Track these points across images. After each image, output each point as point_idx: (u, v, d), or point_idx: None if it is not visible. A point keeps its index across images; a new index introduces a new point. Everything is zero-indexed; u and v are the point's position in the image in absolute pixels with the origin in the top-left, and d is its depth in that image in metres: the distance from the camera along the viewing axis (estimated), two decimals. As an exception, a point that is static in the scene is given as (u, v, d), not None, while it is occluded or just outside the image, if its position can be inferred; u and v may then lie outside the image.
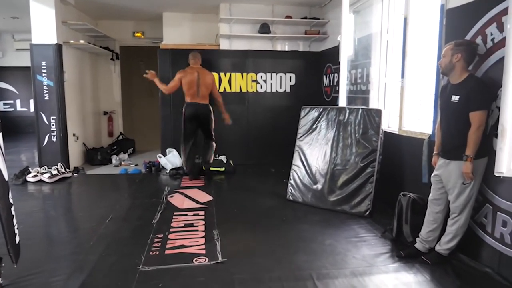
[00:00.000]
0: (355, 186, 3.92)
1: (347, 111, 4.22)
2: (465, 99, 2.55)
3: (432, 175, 2.88)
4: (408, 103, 3.73)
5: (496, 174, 2.15)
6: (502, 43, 2.45)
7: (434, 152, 2.93)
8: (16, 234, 2.35)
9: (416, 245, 2.94)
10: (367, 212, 3.79)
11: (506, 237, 2.53)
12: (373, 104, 4.49)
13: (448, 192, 2.74)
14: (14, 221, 2.34)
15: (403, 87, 3.74)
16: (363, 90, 4.75)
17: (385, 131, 4.01)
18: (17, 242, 2.37)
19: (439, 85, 3.10)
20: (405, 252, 2.92)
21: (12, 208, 2.32)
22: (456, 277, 2.61)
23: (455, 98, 2.61)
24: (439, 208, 2.84)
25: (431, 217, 2.88)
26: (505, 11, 2.39)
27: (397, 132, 3.87)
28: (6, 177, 2.28)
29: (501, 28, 2.52)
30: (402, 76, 3.74)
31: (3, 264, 2.42)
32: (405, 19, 3.66)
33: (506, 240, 2.53)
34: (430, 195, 2.90)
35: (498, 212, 2.60)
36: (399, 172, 3.85)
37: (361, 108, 4.16)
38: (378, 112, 3.98)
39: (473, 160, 2.52)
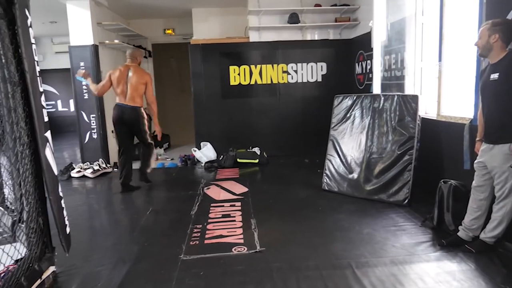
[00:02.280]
0: (392, 175, 3.85)
1: (382, 98, 4.14)
2: (504, 75, 2.45)
3: (476, 161, 2.77)
4: (446, 87, 3.61)
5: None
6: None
7: (477, 139, 2.83)
8: (66, 225, 2.48)
9: (459, 234, 2.86)
10: (406, 201, 3.72)
11: (556, 223, 2.42)
12: (408, 90, 4.37)
13: (494, 177, 2.62)
14: (64, 213, 2.47)
15: (441, 71, 3.62)
16: (398, 76, 4.63)
17: (422, 117, 3.90)
18: (68, 232, 2.51)
19: (480, 67, 2.98)
20: (447, 241, 2.84)
21: (62, 201, 2.45)
22: (502, 265, 2.53)
23: (494, 75, 2.50)
24: (483, 195, 2.74)
25: (475, 205, 2.79)
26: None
27: (435, 118, 3.76)
28: (56, 173, 2.40)
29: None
30: (440, 60, 3.62)
31: (56, 253, 2.57)
32: (441, 0, 3.52)
33: (556, 226, 2.42)
34: (474, 181, 2.80)
35: (547, 197, 2.48)
36: (439, 159, 3.74)
37: (397, 95, 4.07)
38: (415, 98, 3.88)
39: None
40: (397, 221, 3.37)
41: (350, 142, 4.29)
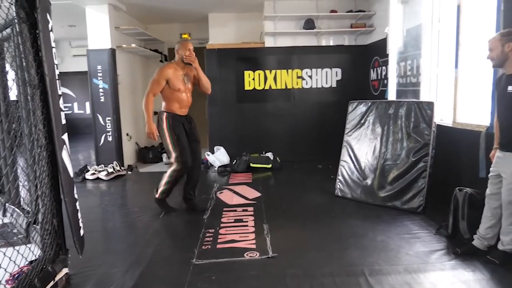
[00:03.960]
0: (407, 182, 3.81)
1: (397, 104, 4.10)
2: None
3: (491, 169, 2.73)
4: (462, 95, 3.57)
5: None
6: None
7: (494, 146, 2.79)
8: (80, 227, 2.52)
9: (474, 243, 2.81)
10: (420, 208, 3.67)
11: None
12: (424, 97, 4.33)
13: (506, 185, 2.58)
14: (79, 215, 2.50)
15: (457, 78, 3.57)
16: (413, 83, 4.59)
17: (438, 124, 3.85)
18: (81, 234, 2.54)
19: (496, 74, 2.93)
20: (462, 249, 2.80)
21: (77, 203, 2.48)
22: (519, 276, 2.48)
23: (511, 88, 2.47)
24: (497, 203, 2.69)
25: (489, 213, 2.74)
26: None
27: (451, 125, 3.71)
28: (72, 175, 2.45)
29: None
30: (456, 67, 3.58)
31: (69, 255, 2.60)
32: (458, 7, 3.49)
33: None
34: (488, 189, 2.75)
35: None
36: (454, 167, 3.68)
37: (412, 101, 4.03)
38: (430, 105, 3.83)
39: None
40: (411, 228, 3.33)
41: (364, 148, 4.26)
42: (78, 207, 2.51)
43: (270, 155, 5.94)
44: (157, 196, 3.94)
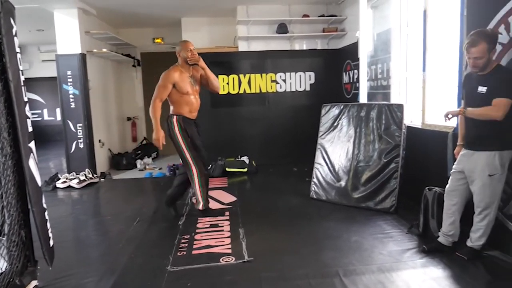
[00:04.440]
0: (379, 182, 3.89)
1: (368, 107, 4.19)
2: (494, 91, 2.47)
3: (454, 166, 2.82)
4: (430, 97, 3.68)
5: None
6: (526, 31, 2.39)
7: (458, 143, 2.88)
8: (50, 237, 2.45)
9: (439, 239, 2.90)
10: (392, 208, 3.75)
11: (538, 229, 2.47)
12: (394, 99, 4.44)
13: (471, 184, 2.67)
14: (48, 225, 2.43)
15: (425, 81, 3.68)
16: (384, 86, 4.70)
17: (408, 126, 3.96)
18: (51, 245, 2.47)
19: (461, 77, 3.04)
20: (428, 246, 2.88)
21: (46, 213, 2.41)
22: (487, 271, 2.56)
23: (482, 89, 2.52)
24: (456, 200, 2.79)
25: (449, 210, 2.84)
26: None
27: (420, 126, 3.82)
28: (40, 184, 2.37)
29: (525, 15, 2.46)
30: (424, 70, 3.69)
31: (38, 267, 2.52)
32: (425, 12, 3.61)
33: (538, 233, 2.47)
34: (448, 186, 2.84)
35: (528, 204, 2.53)
36: (424, 167, 3.79)
37: (383, 104, 4.12)
38: (400, 107, 3.93)
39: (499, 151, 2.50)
40: (384, 228, 3.40)
41: (338, 151, 4.32)
42: (47, 217, 2.44)
43: (245, 159, 5.94)
44: (201, 207, 3.79)
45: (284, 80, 6.37)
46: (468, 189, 2.73)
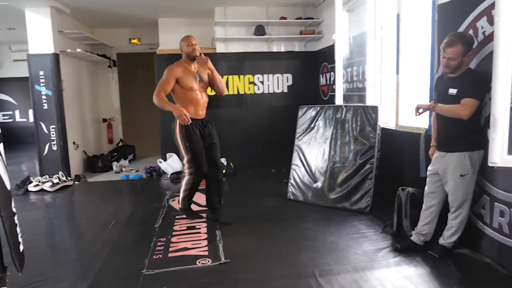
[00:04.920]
0: (355, 183, 3.95)
1: (344, 109, 4.25)
2: (462, 92, 2.55)
3: (428, 168, 2.90)
4: (404, 99, 3.76)
5: (490, 165, 2.19)
6: (492, 36, 2.47)
7: (432, 143, 2.96)
8: (20, 242, 2.37)
9: (412, 238, 2.98)
10: (368, 208, 3.82)
11: (504, 227, 2.56)
12: (369, 101, 4.53)
13: (445, 184, 2.76)
14: (18, 230, 2.36)
15: (398, 83, 3.77)
16: (360, 88, 4.78)
17: (382, 127, 4.04)
18: (21, 250, 2.39)
19: (433, 79, 3.13)
20: (401, 245, 2.95)
21: (15, 217, 2.34)
22: (457, 268, 2.64)
23: (453, 91, 2.60)
24: (434, 202, 2.87)
25: (426, 211, 2.91)
26: (494, 5, 2.42)
27: (394, 128, 3.90)
28: (9, 187, 2.30)
29: (491, 21, 2.55)
30: (397, 72, 3.77)
31: (8, 273, 2.44)
32: (398, 16, 3.69)
33: (505, 230, 2.56)
34: (426, 188, 2.93)
35: (495, 203, 2.63)
36: (398, 167, 3.87)
37: (358, 106, 4.20)
38: (375, 109, 4.01)
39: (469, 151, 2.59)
40: (359, 228, 3.46)
41: (314, 152, 4.37)
42: (16, 221, 2.36)
43: (223, 160, 5.93)
44: (179, 206, 3.80)
45: (262, 82, 6.40)
46: (444, 189, 2.80)
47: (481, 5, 2.64)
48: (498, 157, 2.12)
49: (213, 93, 3.84)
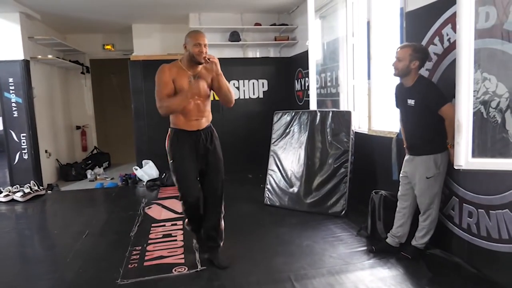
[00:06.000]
0: (330, 187, 4.00)
1: (318, 114, 4.31)
2: (421, 102, 2.65)
3: (401, 171, 2.98)
4: (375, 104, 3.85)
5: (456, 167, 2.26)
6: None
7: (405, 145, 3.03)
8: (-13, 255, 2.30)
9: (387, 240, 3.04)
10: (343, 212, 3.87)
11: (473, 227, 2.65)
12: (343, 106, 4.61)
13: (414, 187, 2.84)
14: (-15, 242, 2.29)
15: (370, 88, 3.85)
16: (333, 93, 4.86)
17: (355, 132, 4.12)
18: (-11, 263, 2.33)
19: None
20: (376, 247, 3.02)
21: (-18, 229, 2.27)
22: (428, 269, 2.71)
23: (411, 102, 2.70)
24: (406, 204, 2.94)
25: (399, 213, 2.99)
26: (457, 13, 2.52)
27: (367, 132, 3.98)
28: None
29: (455, 28, 2.62)
30: (369, 78, 3.86)
31: (-25, 288, 2.37)
32: (368, 23, 3.78)
33: (473, 230, 2.65)
34: (399, 191, 3.00)
35: (464, 204, 2.72)
36: (371, 171, 3.95)
37: (331, 111, 4.26)
38: (348, 114, 4.09)
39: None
40: (335, 231, 3.50)
41: (290, 157, 4.41)
42: (-16, 234, 2.30)
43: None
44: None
45: (238, 88, 6.42)
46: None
47: (445, 13, 2.75)
48: (463, 160, 2.20)
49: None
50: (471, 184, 2.65)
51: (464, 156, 2.18)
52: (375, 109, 3.85)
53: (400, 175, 2.98)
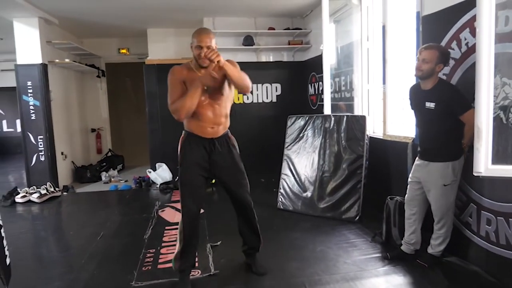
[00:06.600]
0: (344, 192, 3.97)
1: (332, 118, 4.29)
2: (444, 106, 2.58)
3: (410, 175, 2.93)
4: (391, 108, 3.81)
5: (475, 174, 2.22)
6: (475, 48, 2.53)
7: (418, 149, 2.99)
8: (6, 255, 2.34)
9: (402, 248, 2.99)
10: (357, 217, 3.84)
11: (491, 235, 2.59)
12: (357, 111, 4.58)
13: (428, 193, 2.79)
14: (4, 242, 2.33)
15: (385, 93, 3.82)
16: (347, 97, 4.84)
17: (370, 137, 4.08)
18: (8, 263, 2.36)
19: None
20: (391, 254, 2.97)
21: (2, 230, 2.31)
22: (445, 277, 2.66)
23: (430, 105, 2.64)
24: (414, 210, 2.89)
25: (409, 219, 2.94)
26: (475, 17, 2.48)
27: (382, 137, 3.94)
28: (-5, 199, 2.27)
29: (473, 33, 2.61)
30: (384, 82, 3.82)
31: (-7, 287, 2.40)
32: (384, 27, 3.75)
33: (492, 238, 2.59)
34: (406, 196, 2.95)
35: (482, 211, 2.66)
36: (386, 176, 3.91)
37: (346, 115, 4.24)
38: (363, 118, 4.06)
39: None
40: (349, 237, 3.47)
41: (304, 161, 4.39)
42: (3, 234, 2.33)
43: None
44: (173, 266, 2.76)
45: (251, 92, 6.40)
46: (426, 197, 2.83)
47: (463, 17, 2.71)
48: (482, 166, 2.16)
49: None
50: (490, 191, 2.59)
51: (484, 163, 2.14)
52: (390, 113, 3.81)
53: (409, 179, 2.93)
